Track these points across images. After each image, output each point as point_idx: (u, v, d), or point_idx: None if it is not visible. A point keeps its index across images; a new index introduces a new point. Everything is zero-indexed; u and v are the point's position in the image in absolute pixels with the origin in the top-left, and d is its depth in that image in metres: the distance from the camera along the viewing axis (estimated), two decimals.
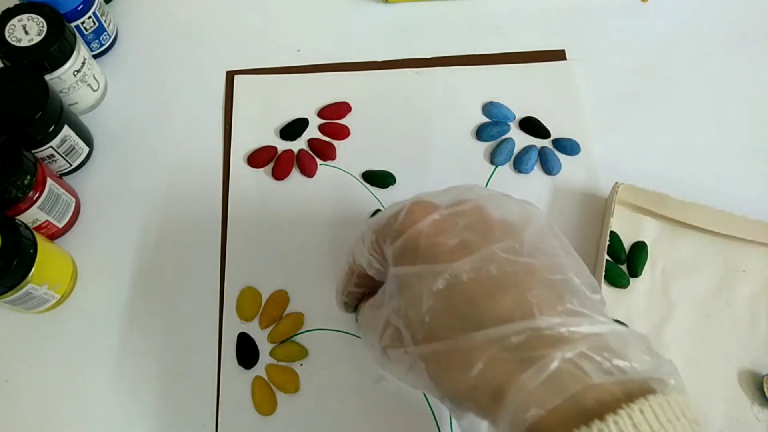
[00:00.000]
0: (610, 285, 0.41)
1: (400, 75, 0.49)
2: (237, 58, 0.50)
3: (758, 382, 0.38)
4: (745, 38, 0.50)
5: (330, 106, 0.47)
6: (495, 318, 0.24)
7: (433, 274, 0.26)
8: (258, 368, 0.39)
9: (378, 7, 0.52)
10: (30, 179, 0.38)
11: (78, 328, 0.41)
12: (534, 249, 0.26)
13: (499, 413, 0.24)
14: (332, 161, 0.46)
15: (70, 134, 0.42)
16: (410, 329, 0.27)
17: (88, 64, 0.45)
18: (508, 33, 0.51)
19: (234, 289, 0.41)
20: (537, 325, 0.24)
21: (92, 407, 0.38)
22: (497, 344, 0.24)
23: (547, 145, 0.46)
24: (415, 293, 0.26)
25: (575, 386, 0.22)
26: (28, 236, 0.36)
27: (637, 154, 0.46)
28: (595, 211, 0.44)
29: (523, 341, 0.24)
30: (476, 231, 0.27)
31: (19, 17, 0.41)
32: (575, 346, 0.23)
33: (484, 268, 0.25)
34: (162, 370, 0.39)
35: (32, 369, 0.40)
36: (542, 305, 0.24)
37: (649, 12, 0.52)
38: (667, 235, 0.42)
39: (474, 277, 0.25)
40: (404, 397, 0.39)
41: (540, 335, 0.24)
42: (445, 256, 0.26)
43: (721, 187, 0.44)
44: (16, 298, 0.37)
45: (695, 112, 0.47)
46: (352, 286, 0.33)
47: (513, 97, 0.48)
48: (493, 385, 0.24)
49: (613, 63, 0.49)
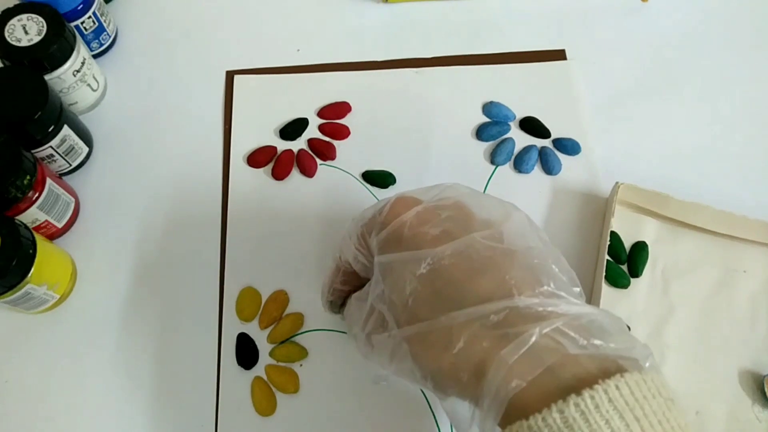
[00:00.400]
0: (610, 285, 0.41)
1: (400, 75, 0.49)
2: (237, 58, 0.50)
3: (759, 382, 0.38)
4: (745, 38, 0.50)
5: (330, 106, 0.47)
6: (475, 298, 0.25)
7: (416, 260, 0.27)
8: (258, 369, 0.39)
9: (378, 7, 0.52)
10: (29, 179, 0.38)
11: (77, 328, 0.40)
12: (513, 237, 0.27)
13: (481, 390, 0.24)
14: (332, 161, 0.46)
15: (69, 134, 0.42)
16: (394, 312, 0.27)
17: (88, 63, 0.45)
18: (508, 33, 0.51)
19: (234, 289, 0.41)
20: (516, 304, 0.25)
21: (92, 407, 0.38)
22: (477, 322, 0.25)
23: (548, 145, 0.46)
24: (398, 278, 0.27)
25: (553, 357, 0.23)
26: (28, 236, 0.36)
27: (637, 154, 0.46)
28: (596, 211, 0.44)
29: (502, 319, 0.24)
30: (457, 222, 0.28)
31: (19, 17, 0.41)
32: (552, 323, 0.24)
33: (465, 253, 0.27)
34: (161, 370, 0.39)
35: (32, 369, 0.39)
36: (521, 286, 0.25)
37: (649, 12, 0.52)
38: (668, 235, 0.42)
39: (455, 261, 0.26)
40: (404, 397, 0.39)
41: (519, 313, 0.24)
42: (428, 243, 0.27)
43: (721, 187, 0.44)
44: (15, 298, 0.37)
45: (695, 112, 0.47)
46: (339, 284, 0.34)
47: (513, 97, 0.48)
48: (475, 362, 0.24)
49: (613, 63, 0.49)
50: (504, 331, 0.24)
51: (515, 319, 0.24)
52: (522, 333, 0.24)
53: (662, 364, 0.39)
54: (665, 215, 0.42)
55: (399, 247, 0.28)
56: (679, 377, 0.38)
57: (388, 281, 0.28)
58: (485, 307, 0.25)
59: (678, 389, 0.37)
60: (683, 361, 0.39)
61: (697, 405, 0.38)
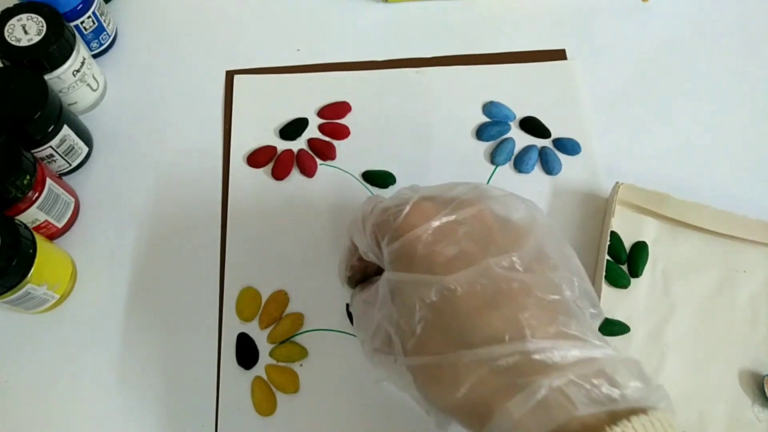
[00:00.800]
0: (610, 285, 0.41)
1: (400, 75, 0.49)
2: (237, 57, 0.50)
3: (759, 382, 0.38)
4: (745, 38, 0.50)
5: (330, 105, 0.47)
6: (485, 337, 0.24)
7: (427, 285, 0.26)
8: (258, 368, 0.39)
9: (378, 7, 0.52)
10: (29, 179, 0.38)
11: (77, 328, 0.40)
12: (532, 262, 0.26)
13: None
14: (332, 161, 0.46)
15: (69, 134, 0.42)
16: (401, 338, 0.27)
17: (88, 63, 0.45)
18: (508, 33, 0.51)
19: (234, 289, 0.41)
20: (527, 348, 0.23)
21: (92, 407, 0.38)
22: (486, 365, 0.24)
23: (548, 145, 0.46)
24: (407, 302, 0.26)
25: (561, 417, 0.22)
26: (28, 236, 0.36)
27: (637, 154, 0.46)
28: (596, 211, 0.44)
29: (512, 365, 0.23)
30: (476, 240, 0.27)
31: (19, 17, 0.41)
32: (563, 374, 0.23)
33: (479, 283, 0.25)
34: (162, 370, 0.39)
35: (32, 369, 0.39)
36: (534, 327, 0.24)
37: (649, 12, 0.52)
38: (668, 235, 0.42)
39: (468, 291, 0.25)
40: (404, 397, 0.38)
41: (529, 359, 0.23)
42: (441, 266, 0.26)
43: (721, 187, 0.44)
44: (15, 298, 0.37)
45: (695, 112, 0.47)
46: (355, 261, 0.33)
47: (513, 97, 0.48)
48: (480, 407, 0.24)
49: (614, 63, 0.49)
50: (513, 379, 0.23)
51: (525, 366, 0.23)
52: (531, 384, 0.23)
53: (662, 364, 0.39)
54: (665, 215, 0.42)
55: (411, 265, 0.27)
56: (679, 377, 0.38)
57: (397, 302, 0.27)
58: (495, 349, 0.24)
59: (678, 389, 0.38)
60: (683, 361, 0.39)
61: (698, 405, 0.38)
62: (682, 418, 0.37)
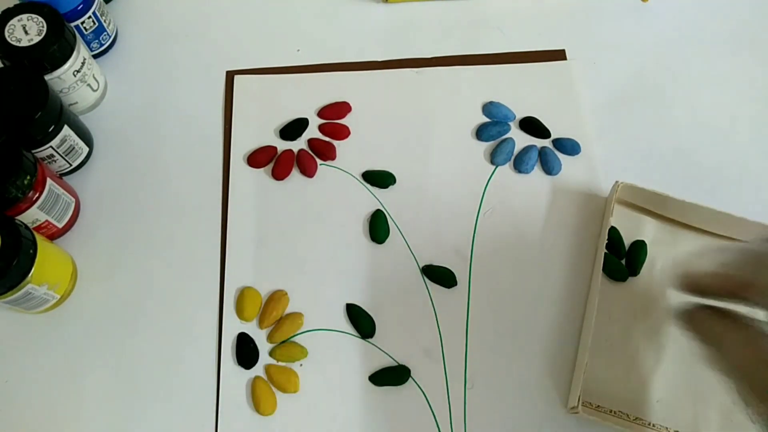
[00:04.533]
0: (608, 277, 0.41)
1: (400, 75, 0.49)
2: (237, 58, 0.50)
3: None
4: (745, 38, 0.50)
5: (330, 106, 0.47)
6: None
7: None
8: (258, 368, 0.39)
9: (378, 7, 0.52)
10: (30, 179, 0.38)
11: (78, 328, 0.41)
12: None
13: None
14: (332, 161, 0.46)
15: (69, 134, 0.42)
16: None
17: (88, 64, 0.45)
18: (508, 33, 0.51)
19: (234, 289, 0.41)
20: None
21: (92, 407, 0.38)
22: None
23: (547, 145, 0.46)
24: None
25: None
26: (28, 236, 0.36)
27: (637, 154, 0.46)
28: (595, 210, 0.44)
29: None
30: None
31: (19, 17, 0.41)
32: None
33: None
34: (161, 369, 0.39)
35: (32, 369, 0.39)
36: None
37: (649, 12, 0.52)
38: (667, 235, 0.42)
39: None
40: (404, 397, 0.39)
41: None
42: None
43: (721, 187, 0.44)
44: (15, 298, 0.37)
45: (695, 112, 0.47)
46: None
47: (513, 97, 0.48)
48: None
49: (614, 63, 0.49)
50: None
51: None
52: None
53: (658, 363, 0.39)
54: (664, 215, 0.42)
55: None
56: (675, 378, 0.38)
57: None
58: None
59: (672, 389, 0.38)
60: (678, 361, 0.39)
61: (692, 405, 0.38)
62: (676, 418, 0.37)
